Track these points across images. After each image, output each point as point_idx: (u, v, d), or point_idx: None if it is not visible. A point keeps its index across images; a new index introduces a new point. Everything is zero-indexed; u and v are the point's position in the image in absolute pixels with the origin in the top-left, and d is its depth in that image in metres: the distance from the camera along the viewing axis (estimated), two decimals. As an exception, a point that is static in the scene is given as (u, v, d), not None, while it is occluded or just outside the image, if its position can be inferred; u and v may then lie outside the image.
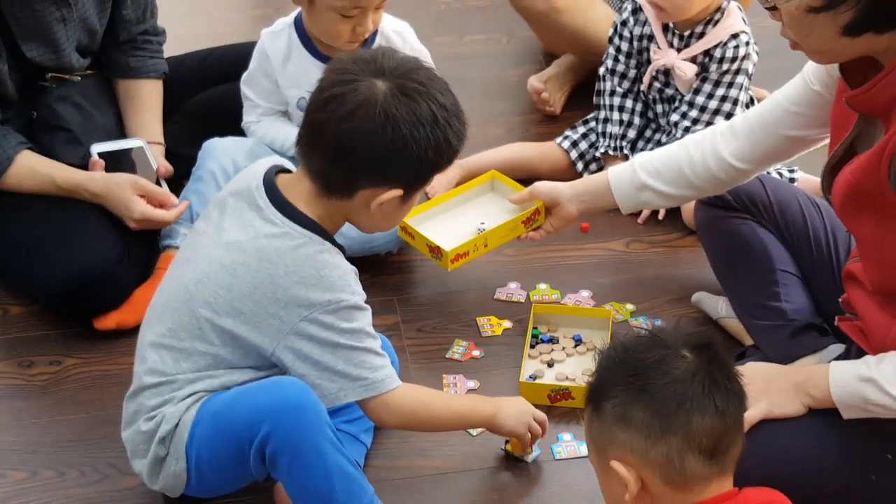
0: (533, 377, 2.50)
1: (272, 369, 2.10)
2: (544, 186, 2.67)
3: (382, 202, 2.02)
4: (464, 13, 4.08)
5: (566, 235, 2.92)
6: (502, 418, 2.23)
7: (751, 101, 3.06)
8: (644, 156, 2.55)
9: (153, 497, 2.26)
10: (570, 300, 2.76)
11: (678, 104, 3.04)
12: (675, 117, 3.02)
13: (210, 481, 2.12)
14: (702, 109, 2.98)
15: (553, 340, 2.61)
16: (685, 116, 3.00)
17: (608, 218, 2.99)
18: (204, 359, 2.07)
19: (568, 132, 3.22)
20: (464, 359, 2.60)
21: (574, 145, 3.18)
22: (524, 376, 2.50)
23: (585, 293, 2.78)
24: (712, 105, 2.98)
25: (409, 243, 2.73)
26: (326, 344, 2.02)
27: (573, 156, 3.17)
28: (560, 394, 2.44)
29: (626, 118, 3.13)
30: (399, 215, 2.13)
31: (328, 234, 2.06)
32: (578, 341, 2.60)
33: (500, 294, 2.79)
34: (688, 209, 2.88)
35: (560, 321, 2.65)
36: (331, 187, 2.03)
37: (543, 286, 2.80)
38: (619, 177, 2.56)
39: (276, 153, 2.76)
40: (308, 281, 2.00)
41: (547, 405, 2.44)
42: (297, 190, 2.06)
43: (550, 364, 2.55)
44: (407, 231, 2.69)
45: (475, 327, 2.69)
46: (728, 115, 2.96)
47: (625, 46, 3.12)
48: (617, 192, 2.56)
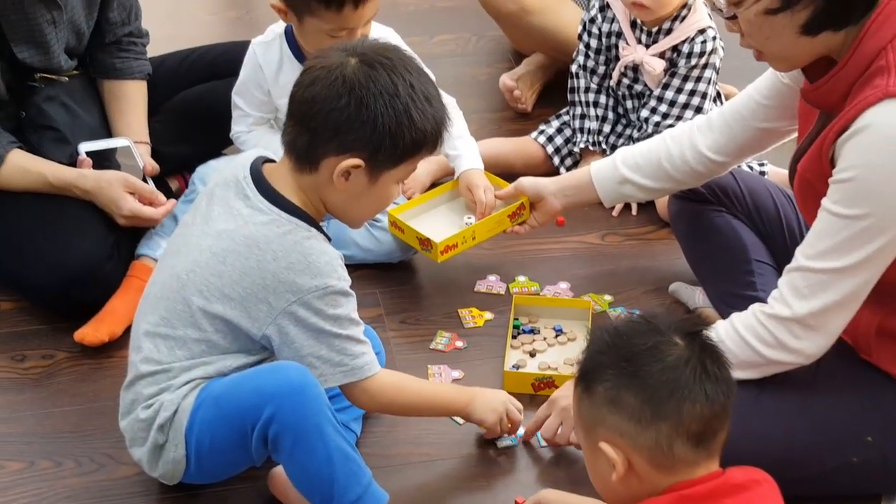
0: (516, 367, 2.57)
1: (263, 352, 2.16)
2: (529, 182, 2.74)
3: (344, 172, 2.05)
4: (433, 14, 4.15)
5: (542, 229, 2.97)
6: (474, 408, 2.31)
7: (717, 95, 3.14)
8: (625, 150, 2.63)
9: (149, 485, 2.30)
10: (549, 291, 2.83)
11: (647, 99, 3.11)
12: (645, 112, 3.09)
13: (209, 467, 2.16)
14: (671, 104, 3.05)
15: (534, 331, 2.68)
16: (655, 111, 3.07)
17: (583, 212, 3.07)
18: (198, 346, 2.12)
19: (542, 126, 3.29)
20: (447, 349, 2.66)
21: (550, 140, 3.25)
22: (508, 366, 2.57)
23: (564, 285, 2.85)
24: (681, 99, 3.05)
25: (399, 237, 2.79)
26: (311, 329, 2.07)
27: (549, 150, 3.23)
28: (544, 382, 2.51)
29: (601, 113, 3.20)
30: (371, 199, 2.14)
31: (314, 221, 2.12)
32: (559, 331, 2.68)
33: (481, 286, 2.85)
34: (661, 202, 2.96)
35: (540, 312, 2.73)
36: (300, 157, 2.08)
37: (522, 278, 2.87)
38: (601, 171, 2.63)
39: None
40: (296, 266, 2.05)
41: (531, 393, 2.51)
42: (282, 177, 2.12)
43: (532, 354, 2.62)
44: (397, 225, 2.76)
45: (457, 319, 2.75)
46: (697, 109, 3.03)
47: (594, 43, 3.18)
48: (599, 187, 2.63)
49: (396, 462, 2.37)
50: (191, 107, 3.07)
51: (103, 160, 2.76)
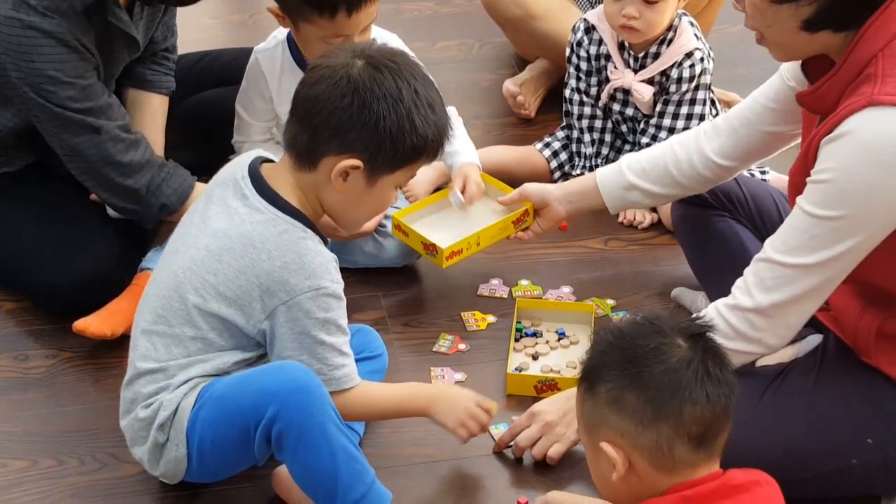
0: (519, 369, 2.58)
1: (258, 349, 2.16)
2: (533, 188, 2.74)
3: (342, 173, 2.06)
4: (435, 20, 4.16)
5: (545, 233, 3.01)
6: (435, 411, 2.27)
7: (713, 104, 3.13)
8: (631, 156, 2.63)
9: (151, 484, 2.31)
10: (552, 295, 2.83)
11: (645, 126, 3.09)
12: (646, 140, 3.07)
13: (211, 466, 2.17)
14: (670, 130, 3.04)
15: (537, 334, 2.68)
16: (655, 139, 3.05)
17: (586, 217, 3.06)
18: (194, 343, 2.13)
19: (548, 139, 3.26)
20: (450, 352, 2.67)
21: (555, 155, 3.22)
22: (510, 368, 2.57)
23: (566, 289, 2.86)
24: (679, 125, 3.04)
25: (404, 241, 2.79)
26: (297, 331, 2.08)
27: (552, 165, 3.22)
28: (546, 385, 2.52)
29: (598, 136, 3.19)
30: (368, 202, 2.15)
31: (310, 223, 2.12)
32: (562, 335, 2.68)
33: (483, 290, 2.86)
34: (667, 213, 2.96)
35: (543, 315, 2.73)
36: (300, 155, 2.10)
37: (525, 282, 2.88)
38: (607, 178, 2.64)
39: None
40: (290, 266, 2.06)
41: (534, 396, 2.52)
42: (281, 176, 2.13)
43: (535, 357, 2.63)
44: (401, 229, 2.76)
45: (460, 322, 2.76)
46: None
47: (584, 66, 3.15)
48: (605, 193, 2.64)
49: (399, 463, 2.38)
50: (198, 112, 3.09)
51: None
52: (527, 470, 2.37)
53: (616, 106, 3.13)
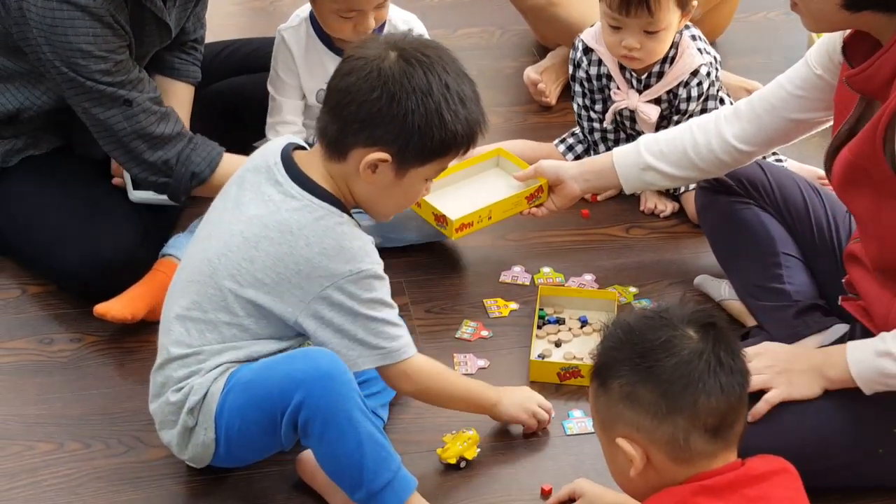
0: (541, 356, 2.58)
1: (296, 338, 2.17)
2: (549, 164, 2.74)
3: (371, 165, 2.07)
4: (456, 7, 4.16)
5: (567, 221, 3.01)
6: (504, 407, 2.33)
7: (721, 103, 3.06)
8: (649, 137, 2.63)
9: (177, 468, 2.32)
10: (574, 283, 2.83)
11: None
12: None
13: (238, 450, 2.18)
14: None
15: (559, 321, 2.69)
16: None
17: (608, 205, 3.09)
18: (229, 329, 2.13)
19: (567, 137, 3.23)
20: (472, 339, 2.67)
21: (570, 149, 3.20)
22: (533, 355, 2.57)
23: (589, 276, 2.86)
24: None
25: (416, 212, 2.80)
26: (347, 313, 2.09)
27: (569, 159, 3.17)
28: (569, 372, 2.52)
29: (612, 146, 3.09)
30: (397, 195, 2.16)
31: (345, 207, 2.13)
32: (584, 322, 2.68)
33: (506, 277, 2.86)
34: (691, 205, 2.94)
35: (566, 303, 2.73)
36: (330, 145, 2.10)
37: (547, 269, 2.88)
38: (624, 157, 2.64)
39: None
40: (329, 252, 2.07)
41: (556, 383, 2.53)
42: (312, 163, 2.13)
43: (558, 344, 2.63)
44: None
45: (482, 308, 2.76)
46: None
47: (587, 85, 3.11)
48: (621, 173, 2.64)
49: (423, 448, 2.38)
50: (222, 99, 3.09)
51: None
52: (550, 458, 2.38)
53: (626, 122, 3.09)
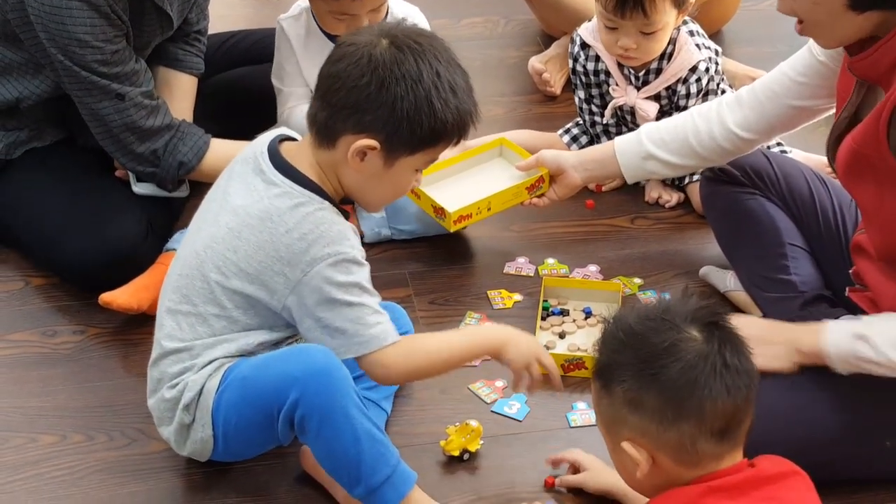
0: (546, 348, 2.56)
1: (287, 329, 2.16)
2: (550, 154, 2.73)
3: (359, 152, 2.05)
4: (460, -4, 4.15)
5: (571, 211, 3.00)
6: (507, 351, 2.19)
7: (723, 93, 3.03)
8: (650, 126, 2.62)
9: (180, 460, 2.31)
10: (579, 274, 2.82)
11: None
12: None
13: (236, 446, 2.18)
14: None
15: (564, 313, 2.68)
16: None
17: (612, 196, 3.07)
18: (218, 322, 2.13)
19: (571, 127, 3.21)
20: (476, 330, 2.66)
21: (575, 140, 3.18)
22: (537, 346, 2.56)
23: (593, 267, 2.85)
24: None
25: (416, 203, 2.80)
26: (325, 300, 2.06)
27: (573, 150, 3.13)
28: (574, 363, 2.51)
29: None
30: (385, 183, 2.13)
31: (327, 195, 2.11)
32: (588, 314, 2.68)
33: (509, 268, 2.85)
34: (696, 195, 2.92)
35: (570, 294, 2.72)
36: (319, 132, 2.08)
37: (551, 260, 2.87)
38: (625, 146, 2.63)
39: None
40: (308, 237, 2.05)
41: (561, 374, 2.51)
42: (300, 153, 2.12)
43: (562, 336, 2.62)
44: (413, 191, 2.75)
45: (486, 300, 2.75)
46: None
47: (584, 79, 3.09)
48: (623, 162, 2.63)
49: (426, 440, 2.38)
50: (225, 90, 3.09)
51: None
52: (553, 450, 2.36)
53: (627, 117, 3.07)
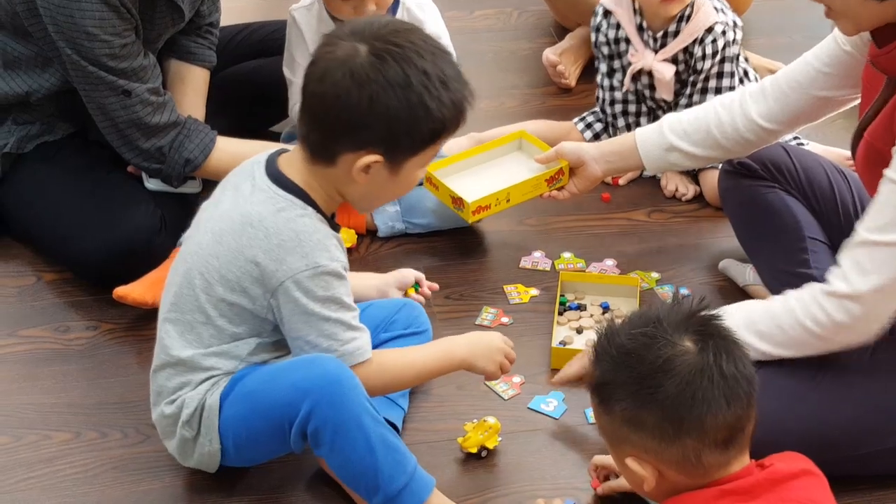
0: (563, 343, 2.55)
1: (276, 333, 2.12)
2: (570, 146, 2.70)
3: (363, 168, 1.99)
4: (473, -12, 4.12)
5: (588, 205, 2.98)
6: (473, 363, 2.21)
7: (746, 75, 3.06)
8: (672, 117, 2.59)
9: (194, 459, 2.30)
10: (595, 269, 2.80)
11: (675, 107, 3.01)
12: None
13: (249, 455, 2.17)
14: None
15: (581, 308, 2.65)
16: None
17: (629, 189, 3.05)
18: (206, 329, 2.09)
19: (586, 115, 3.20)
20: (493, 325, 2.64)
21: (588, 126, 3.17)
22: (555, 342, 2.54)
23: (610, 262, 2.82)
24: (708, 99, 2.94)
25: (434, 194, 2.78)
26: (301, 311, 2.03)
27: (587, 137, 3.16)
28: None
29: (633, 120, 3.12)
30: (394, 187, 2.08)
31: (313, 202, 2.05)
32: (606, 308, 2.65)
33: (525, 262, 2.83)
34: (711, 190, 2.91)
35: (587, 289, 2.70)
36: (315, 152, 2.03)
37: (568, 255, 2.84)
38: (647, 138, 2.60)
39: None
40: (287, 244, 2.01)
41: (580, 370, 2.50)
42: (292, 163, 2.07)
43: (579, 330, 2.60)
44: (432, 182, 2.74)
45: (503, 295, 2.73)
46: None
47: (605, 50, 3.09)
48: (644, 153, 2.60)
49: (442, 437, 2.35)
50: (236, 83, 3.07)
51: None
52: (571, 444, 2.35)
53: (646, 91, 3.07)
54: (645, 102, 3.09)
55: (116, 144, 2.66)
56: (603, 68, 3.11)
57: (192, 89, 2.87)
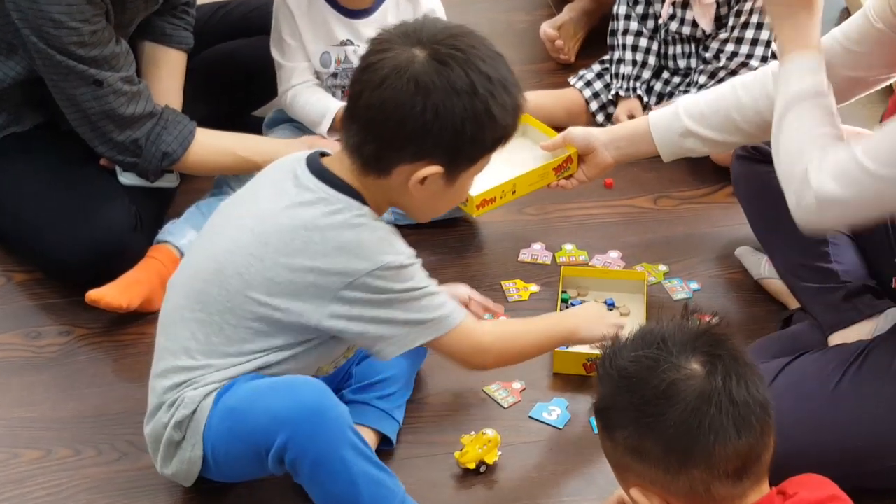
0: (566, 346, 2.40)
1: (303, 344, 1.99)
2: (579, 132, 2.56)
3: (421, 179, 1.92)
4: (466, -45, 3.96)
5: (590, 192, 2.83)
6: (583, 337, 2.19)
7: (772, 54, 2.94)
8: (688, 99, 2.45)
9: (174, 476, 2.16)
10: (599, 261, 2.66)
11: (701, 49, 2.93)
12: (711, 53, 2.90)
13: (227, 471, 2.04)
14: (731, 56, 2.88)
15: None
16: (709, 63, 2.89)
17: (633, 173, 2.90)
18: (236, 333, 1.96)
19: (582, 72, 3.12)
20: (492, 325, 2.50)
21: (588, 85, 3.07)
22: (557, 344, 2.40)
23: (614, 254, 2.68)
24: (743, 50, 2.88)
25: None
26: (380, 302, 1.93)
27: (587, 95, 3.06)
28: (596, 363, 2.34)
29: (641, 58, 3.02)
30: (448, 198, 2.01)
31: (364, 200, 1.96)
32: (611, 306, 2.50)
33: (525, 256, 2.68)
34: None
35: (591, 284, 2.55)
36: (367, 163, 1.93)
37: (570, 247, 2.70)
38: (661, 122, 2.45)
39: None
40: (348, 247, 1.90)
41: (583, 374, 2.36)
42: (339, 165, 1.97)
43: (582, 330, 2.45)
44: None
45: (501, 292, 2.59)
46: (763, 59, 2.86)
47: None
48: (658, 138, 2.45)
49: (439, 451, 2.22)
50: (216, 65, 2.93)
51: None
52: (576, 456, 2.22)
53: (673, 25, 2.95)
54: (657, 39, 2.99)
55: (88, 137, 2.52)
56: (622, 10, 3.03)
57: (168, 74, 2.73)
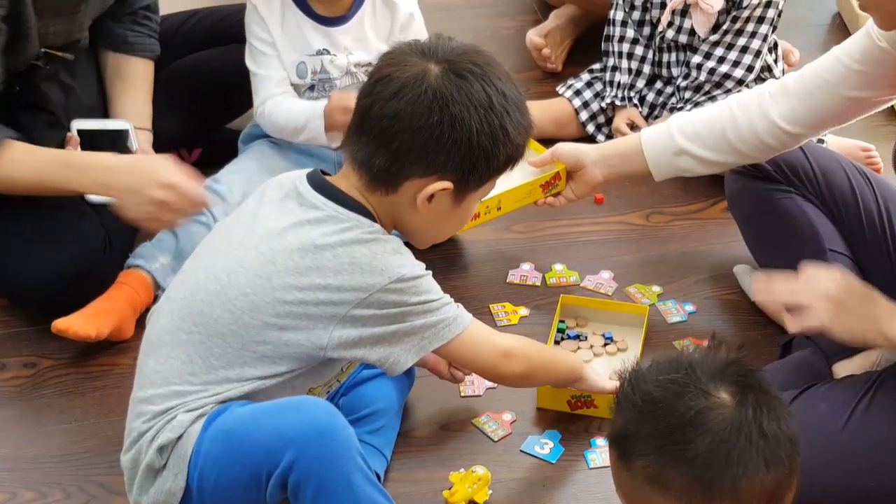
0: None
1: (301, 369, 1.91)
2: (567, 148, 2.46)
3: (429, 196, 1.85)
4: (449, -42, 3.85)
5: (580, 208, 2.72)
6: (587, 376, 2.14)
7: (775, 46, 2.89)
8: (682, 117, 2.35)
9: (147, 520, 2.04)
10: (591, 282, 2.55)
11: (691, 54, 2.85)
12: (697, 60, 2.83)
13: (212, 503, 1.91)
14: (719, 60, 2.80)
15: (580, 337, 2.39)
16: (700, 68, 2.81)
17: (624, 188, 2.80)
18: (240, 355, 1.87)
19: (571, 81, 3.04)
20: (479, 352, 2.38)
21: (577, 94, 2.99)
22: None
23: (606, 274, 2.57)
24: (731, 56, 2.80)
25: None
26: (394, 316, 1.87)
27: (576, 104, 2.97)
28: (581, 401, 2.22)
29: (636, 66, 2.95)
30: (452, 220, 1.96)
31: (373, 217, 1.89)
32: (609, 340, 2.39)
33: (513, 277, 2.57)
34: None
35: (590, 315, 2.43)
36: (376, 178, 1.86)
37: (560, 267, 2.59)
38: (654, 140, 2.35)
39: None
40: (361, 262, 1.83)
41: (567, 411, 2.24)
42: (345, 182, 1.90)
43: (576, 363, 2.34)
44: None
45: (489, 315, 2.47)
46: (749, 68, 2.79)
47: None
48: (650, 157, 2.35)
49: (427, 489, 2.11)
50: (187, 75, 2.80)
51: (94, 143, 2.46)
52: (569, 494, 2.12)
53: (670, 33, 2.87)
54: (652, 47, 2.92)
55: None
56: (619, 16, 2.95)
57: (133, 85, 2.61)
